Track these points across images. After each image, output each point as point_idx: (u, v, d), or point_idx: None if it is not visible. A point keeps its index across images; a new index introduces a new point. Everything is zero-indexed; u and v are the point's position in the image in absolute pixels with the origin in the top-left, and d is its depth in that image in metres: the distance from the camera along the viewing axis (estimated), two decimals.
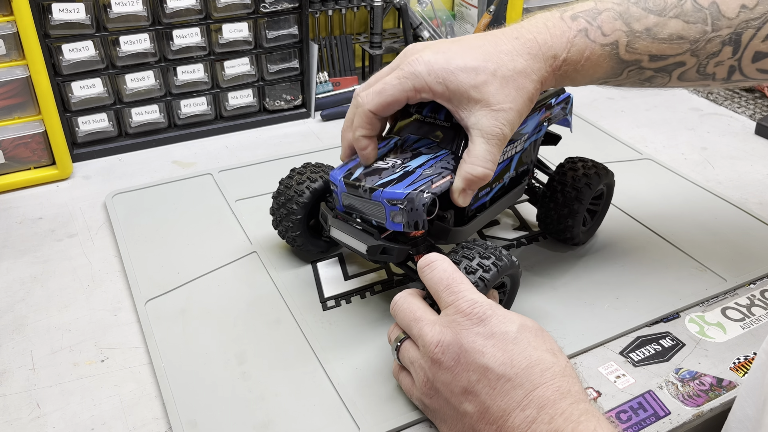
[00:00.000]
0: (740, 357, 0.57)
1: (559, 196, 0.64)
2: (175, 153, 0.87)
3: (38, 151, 0.79)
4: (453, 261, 0.51)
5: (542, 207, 0.66)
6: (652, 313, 0.61)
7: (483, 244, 0.54)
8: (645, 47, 0.51)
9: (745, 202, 0.78)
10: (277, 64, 0.92)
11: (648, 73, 0.52)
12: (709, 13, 0.49)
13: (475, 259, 0.52)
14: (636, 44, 0.51)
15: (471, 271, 0.51)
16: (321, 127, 0.95)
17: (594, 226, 0.70)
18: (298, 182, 0.62)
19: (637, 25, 0.50)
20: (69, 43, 0.78)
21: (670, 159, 0.88)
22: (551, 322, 0.59)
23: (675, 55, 0.51)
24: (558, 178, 0.65)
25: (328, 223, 0.59)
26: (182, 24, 0.83)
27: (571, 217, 0.65)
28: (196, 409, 0.50)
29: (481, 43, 0.51)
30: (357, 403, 0.51)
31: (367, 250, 0.55)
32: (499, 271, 0.52)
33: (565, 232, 0.66)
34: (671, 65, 0.52)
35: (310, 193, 0.61)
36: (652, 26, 0.50)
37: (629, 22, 0.50)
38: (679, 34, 0.50)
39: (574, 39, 0.51)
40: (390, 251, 0.55)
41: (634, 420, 0.51)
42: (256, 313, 0.60)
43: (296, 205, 0.61)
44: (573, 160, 0.66)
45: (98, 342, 0.57)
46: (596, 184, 0.64)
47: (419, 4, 1.11)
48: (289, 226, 0.63)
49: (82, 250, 0.68)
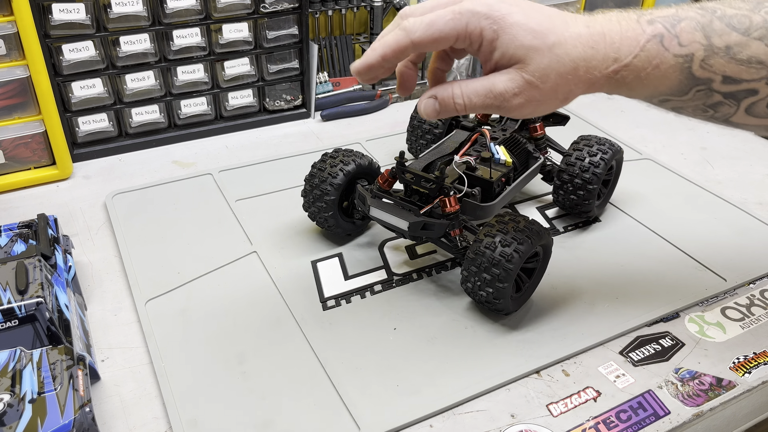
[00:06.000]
0: (740, 357, 0.57)
1: (576, 179, 0.68)
2: (175, 153, 0.87)
3: (38, 151, 0.79)
4: (488, 234, 0.56)
5: (558, 185, 0.70)
6: (652, 313, 0.61)
7: (515, 217, 0.57)
8: (721, 66, 0.46)
9: (745, 202, 0.78)
10: (277, 64, 0.92)
11: (716, 98, 0.48)
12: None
13: (509, 232, 0.55)
14: (712, 60, 0.46)
15: (506, 243, 0.54)
16: (321, 127, 0.95)
17: (605, 199, 0.75)
18: (332, 165, 0.66)
19: (718, 41, 0.46)
20: (69, 43, 0.78)
21: (669, 159, 0.88)
22: (551, 322, 0.59)
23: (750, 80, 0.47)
24: (574, 156, 0.69)
25: (367, 203, 0.62)
26: (182, 24, 0.83)
27: (588, 195, 0.69)
28: (196, 409, 0.50)
29: (551, 14, 0.48)
30: (357, 403, 0.51)
31: (409, 227, 0.59)
32: (533, 242, 0.55)
33: (581, 207, 0.70)
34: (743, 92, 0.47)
35: (343, 175, 0.65)
36: (734, 44, 0.46)
37: (710, 35, 0.46)
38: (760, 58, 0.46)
39: (646, 44, 0.46)
40: (431, 226, 0.59)
41: (633, 420, 0.51)
42: (256, 313, 0.60)
43: (330, 186, 0.64)
44: (586, 138, 0.71)
45: (98, 342, 0.57)
46: (609, 161, 0.69)
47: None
48: (322, 207, 0.65)
49: (82, 250, 0.68)
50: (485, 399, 0.52)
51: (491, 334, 0.58)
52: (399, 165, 0.62)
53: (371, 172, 0.68)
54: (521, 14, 0.46)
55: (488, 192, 0.63)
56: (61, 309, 0.51)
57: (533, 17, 0.46)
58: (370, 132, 0.93)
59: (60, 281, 0.54)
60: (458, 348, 0.57)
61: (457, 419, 0.51)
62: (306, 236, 0.70)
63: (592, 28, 0.47)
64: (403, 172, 0.61)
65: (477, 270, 0.56)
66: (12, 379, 0.45)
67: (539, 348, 0.57)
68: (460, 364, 0.55)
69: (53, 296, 0.51)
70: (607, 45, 0.46)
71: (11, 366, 0.46)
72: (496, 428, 0.50)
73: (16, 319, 0.48)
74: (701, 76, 0.47)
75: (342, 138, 0.92)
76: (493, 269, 0.55)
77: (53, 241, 0.58)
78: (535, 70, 0.46)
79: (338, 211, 0.67)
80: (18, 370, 0.46)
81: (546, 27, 0.46)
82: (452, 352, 0.56)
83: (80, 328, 0.54)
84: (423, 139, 0.79)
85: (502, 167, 0.65)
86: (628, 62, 0.47)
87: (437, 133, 0.78)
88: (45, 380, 0.45)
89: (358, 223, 0.69)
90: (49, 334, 0.48)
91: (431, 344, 0.57)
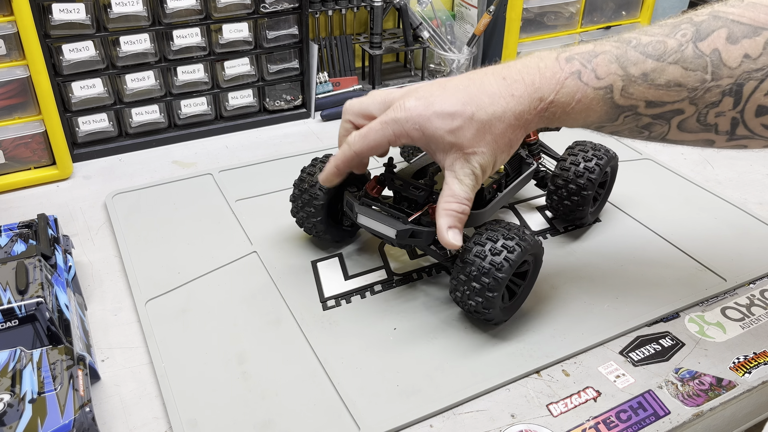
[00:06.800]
0: (740, 357, 0.57)
1: (571, 184, 0.67)
2: (176, 153, 0.87)
3: (38, 151, 0.79)
4: (477, 242, 0.55)
5: (552, 192, 0.70)
6: (652, 312, 0.61)
7: (506, 225, 0.56)
8: (641, 93, 0.48)
9: (745, 202, 0.78)
10: (277, 64, 0.92)
11: (645, 120, 0.50)
12: (710, 61, 0.46)
13: (499, 240, 0.54)
14: (631, 89, 0.49)
15: (496, 252, 0.53)
16: (321, 127, 0.95)
17: (599, 206, 0.74)
18: (322, 170, 0.64)
19: (634, 70, 0.48)
20: (69, 43, 0.78)
21: (669, 159, 0.88)
22: (551, 322, 0.59)
23: (672, 102, 0.48)
24: (569, 161, 0.68)
25: (354, 211, 0.61)
26: (182, 24, 0.83)
27: (583, 201, 0.68)
28: (196, 409, 0.50)
29: (466, 84, 0.52)
30: (357, 403, 0.51)
31: (397, 235, 0.58)
32: (523, 251, 0.54)
33: (575, 214, 0.70)
34: (669, 112, 0.49)
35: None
36: (650, 71, 0.48)
37: (625, 66, 0.48)
38: (677, 81, 0.47)
39: (565, 81, 0.50)
40: (419, 234, 0.58)
41: (633, 420, 0.51)
42: (256, 313, 0.60)
43: (320, 191, 0.63)
44: (581, 143, 0.70)
45: (98, 342, 0.57)
46: (604, 168, 0.68)
47: (419, 5, 1.11)
48: (310, 212, 0.64)
49: (82, 250, 0.68)
50: (485, 399, 0.52)
51: (491, 334, 0.58)
52: (388, 172, 0.61)
53: (361, 178, 0.66)
54: (438, 103, 0.51)
55: (479, 199, 0.62)
56: (61, 309, 0.51)
57: (450, 99, 0.51)
58: None
59: (60, 281, 0.54)
60: (458, 348, 0.57)
61: (457, 419, 0.51)
62: (306, 236, 0.70)
63: (510, 77, 0.51)
64: (391, 179, 0.61)
65: (466, 279, 0.54)
66: (12, 379, 0.45)
67: (539, 348, 0.57)
68: (460, 364, 0.55)
69: (53, 296, 0.51)
70: (527, 87, 0.50)
71: (11, 366, 0.46)
72: (496, 428, 0.50)
73: (16, 319, 0.48)
74: (624, 104, 0.49)
75: None
76: (482, 278, 0.53)
77: (53, 241, 0.58)
78: (470, 144, 0.51)
79: (327, 217, 0.65)
80: (18, 370, 0.46)
81: (463, 102, 0.51)
82: (452, 352, 0.56)
83: (80, 328, 0.54)
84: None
85: (494, 174, 0.65)
86: (552, 99, 0.50)
87: None
88: (45, 380, 0.45)
89: (347, 230, 0.68)
90: (49, 334, 0.49)
91: (431, 344, 0.57)
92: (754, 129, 0.48)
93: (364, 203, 0.61)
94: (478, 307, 0.55)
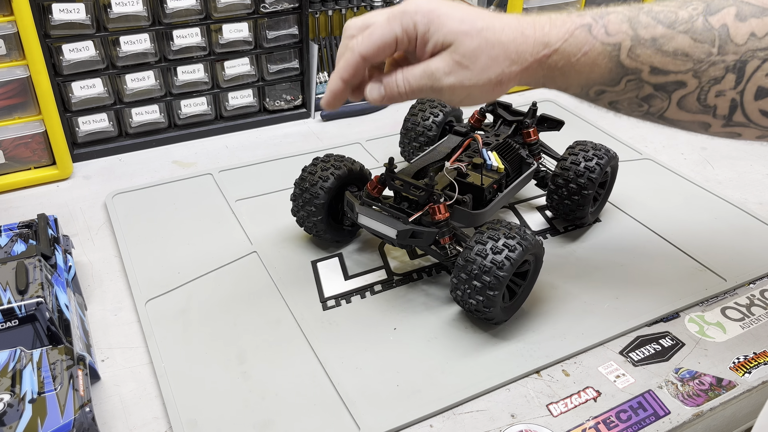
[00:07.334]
0: (740, 357, 0.57)
1: (571, 183, 0.67)
2: (176, 153, 0.87)
3: (38, 151, 0.79)
4: (479, 241, 0.55)
5: (553, 192, 0.70)
6: (652, 312, 0.61)
7: (507, 224, 0.56)
8: (647, 56, 0.49)
9: (745, 202, 0.78)
10: (277, 64, 0.92)
11: (647, 90, 0.51)
12: (718, 35, 0.48)
13: (500, 239, 0.54)
14: (639, 50, 0.49)
15: (497, 251, 0.54)
16: (321, 127, 0.95)
17: (600, 206, 0.74)
18: (323, 169, 0.64)
19: (644, 32, 0.49)
20: (69, 43, 0.78)
21: (669, 159, 0.88)
22: (551, 322, 0.59)
23: (677, 72, 0.49)
24: (569, 160, 0.68)
25: (355, 211, 0.61)
26: (182, 24, 0.83)
27: (583, 201, 0.68)
28: (196, 409, 0.50)
29: (480, 9, 0.52)
30: (357, 403, 0.51)
31: (397, 235, 0.58)
32: (525, 250, 0.54)
33: (576, 213, 0.70)
34: (671, 83, 0.50)
35: (334, 179, 0.64)
36: (659, 36, 0.49)
37: (636, 27, 0.49)
38: (685, 50, 0.48)
39: (575, 31, 0.50)
40: (419, 235, 0.58)
41: (633, 419, 0.51)
42: (256, 313, 0.60)
43: (321, 190, 0.63)
44: (582, 143, 0.70)
45: (98, 342, 0.57)
46: (604, 167, 0.68)
47: None
48: (311, 211, 0.64)
49: (82, 250, 0.68)
50: (485, 399, 0.53)
51: (491, 334, 0.58)
52: (388, 172, 0.61)
53: (362, 177, 0.66)
54: (450, 7, 0.50)
55: (480, 199, 0.63)
56: (61, 309, 0.51)
57: (461, 9, 0.50)
58: (370, 132, 0.93)
59: (60, 281, 0.54)
60: (458, 348, 0.57)
61: (457, 419, 0.51)
62: (306, 236, 0.70)
63: (522, 19, 0.51)
64: (392, 179, 0.61)
65: (467, 277, 0.54)
66: (12, 379, 0.45)
67: (539, 348, 0.57)
68: (460, 364, 0.55)
69: (53, 296, 0.51)
70: (536, 30, 0.50)
71: (11, 366, 0.46)
72: (496, 428, 0.50)
73: (16, 319, 0.48)
74: (629, 65, 0.50)
75: (342, 138, 0.92)
76: (483, 277, 0.53)
77: (53, 241, 0.58)
78: (464, 51, 0.49)
79: (328, 217, 0.65)
80: (18, 370, 0.46)
81: (474, 15, 0.50)
82: (452, 352, 0.56)
83: (80, 328, 0.54)
84: (416, 141, 0.78)
85: (494, 173, 0.65)
86: (558, 47, 0.50)
87: (431, 136, 0.77)
88: (45, 380, 0.45)
89: (347, 230, 0.68)
90: (49, 334, 0.49)
91: (431, 344, 0.57)
92: (751, 115, 0.49)
93: (364, 203, 0.61)
94: (478, 306, 0.55)
